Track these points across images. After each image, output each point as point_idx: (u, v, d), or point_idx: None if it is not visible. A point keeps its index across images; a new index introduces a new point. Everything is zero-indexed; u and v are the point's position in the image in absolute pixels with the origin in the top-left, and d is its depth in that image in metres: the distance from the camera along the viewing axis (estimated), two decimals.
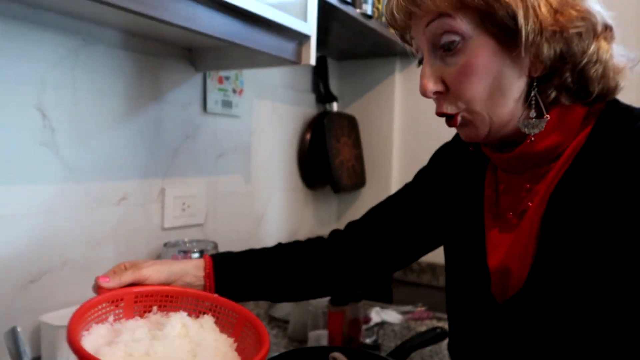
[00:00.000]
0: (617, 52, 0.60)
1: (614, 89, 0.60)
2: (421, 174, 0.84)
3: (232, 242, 1.32)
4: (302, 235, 1.64)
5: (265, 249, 0.82)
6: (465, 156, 0.75)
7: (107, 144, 1.03)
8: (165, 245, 1.13)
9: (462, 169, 0.75)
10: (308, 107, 1.70)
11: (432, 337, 1.06)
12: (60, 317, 0.91)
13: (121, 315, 0.63)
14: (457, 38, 0.58)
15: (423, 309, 1.39)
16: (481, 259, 0.66)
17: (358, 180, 1.80)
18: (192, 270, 0.72)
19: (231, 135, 1.36)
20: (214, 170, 1.31)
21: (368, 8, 1.35)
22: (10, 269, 0.88)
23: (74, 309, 0.95)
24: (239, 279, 0.76)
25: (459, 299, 0.72)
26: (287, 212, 1.61)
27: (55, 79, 0.93)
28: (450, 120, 0.62)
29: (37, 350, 0.91)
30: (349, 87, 1.86)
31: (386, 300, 1.54)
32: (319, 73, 1.71)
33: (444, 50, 0.59)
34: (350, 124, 1.80)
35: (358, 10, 1.33)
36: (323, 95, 1.72)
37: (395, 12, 0.63)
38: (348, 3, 1.26)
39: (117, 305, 0.64)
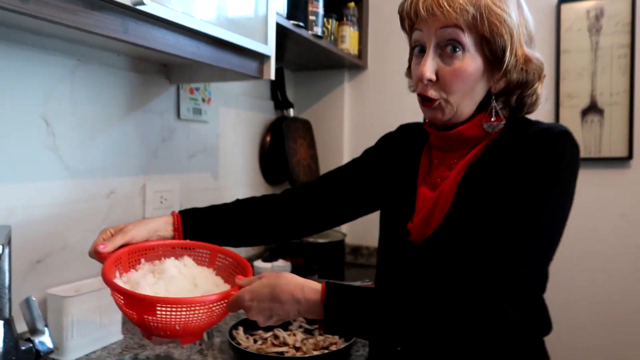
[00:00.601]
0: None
1: (528, 113, 0.84)
2: (368, 152, 1.05)
3: None
4: None
5: (225, 204, 1.00)
6: (403, 143, 0.98)
7: (99, 146, 1.21)
8: None
9: (401, 151, 0.97)
10: (268, 113, 1.91)
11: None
12: (63, 290, 1.09)
13: (121, 270, 0.82)
14: (459, 47, 0.76)
15: (369, 283, 1.63)
16: (409, 216, 0.87)
17: (313, 177, 2.02)
18: (163, 225, 0.90)
19: (201, 138, 1.55)
20: (187, 168, 1.50)
21: (318, 30, 1.58)
22: (21, 252, 1.05)
23: (74, 284, 1.16)
24: (202, 230, 0.93)
25: (388, 245, 0.92)
26: None
27: (57, 93, 1.11)
28: (429, 102, 0.80)
29: (44, 319, 1.08)
30: (303, 95, 2.09)
31: (339, 279, 1.78)
32: (277, 83, 1.91)
33: (445, 51, 0.77)
34: (305, 128, 2.02)
35: (310, 32, 1.55)
36: (281, 102, 1.92)
37: (420, 8, 0.77)
38: (301, 27, 1.48)
39: (117, 264, 0.82)
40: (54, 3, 0.73)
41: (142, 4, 0.81)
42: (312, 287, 0.71)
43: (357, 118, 2.03)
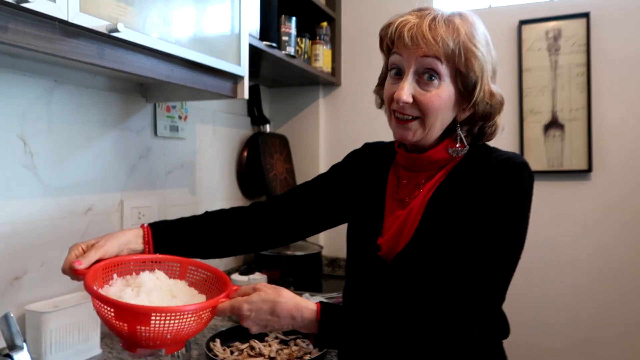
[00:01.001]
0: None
1: (490, 140, 0.92)
2: (334, 167, 1.09)
3: None
4: None
5: (194, 216, 1.02)
6: (370, 160, 1.03)
7: (76, 164, 1.24)
8: None
9: (367, 168, 1.02)
10: (244, 129, 1.96)
11: None
12: (42, 306, 1.11)
13: (97, 285, 0.81)
14: (435, 76, 0.83)
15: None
16: (378, 230, 0.93)
17: None
18: (134, 238, 0.91)
19: (178, 155, 1.59)
20: (164, 184, 1.53)
21: (291, 50, 1.64)
22: (0, 268, 1.08)
23: (53, 300, 1.17)
24: (172, 242, 0.95)
25: (357, 260, 0.97)
26: None
27: (34, 113, 1.14)
28: (403, 120, 0.86)
29: (23, 335, 1.09)
30: (280, 111, 2.14)
31: (316, 290, 1.82)
32: (253, 99, 1.96)
33: (422, 78, 0.83)
34: (281, 143, 2.07)
35: (283, 52, 1.61)
36: (257, 118, 1.97)
37: (405, 36, 0.82)
38: (274, 47, 1.54)
39: (94, 280, 0.82)
40: (31, 32, 0.77)
41: (117, 31, 0.85)
42: (308, 308, 0.79)
43: (332, 132, 2.10)
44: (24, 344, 0.86)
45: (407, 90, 0.83)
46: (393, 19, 0.87)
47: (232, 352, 1.15)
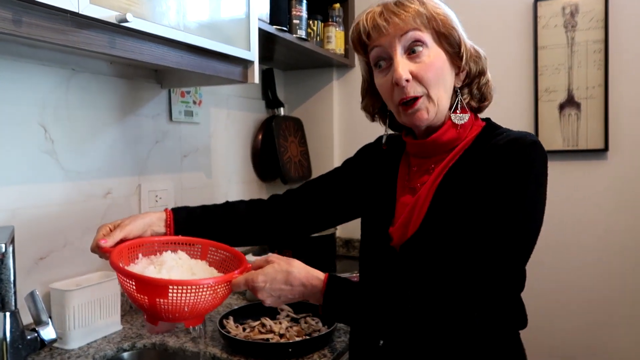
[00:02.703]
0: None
1: (489, 101, 0.93)
2: (347, 162, 1.11)
3: None
4: None
5: (215, 205, 1.07)
6: (381, 153, 1.04)
7: (94, 150, 1.29)
8: None
9: (379, 160, 1.03)
10: (259, 112, 1.98)
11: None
12: (65, 285, 1.18)
13: (123, 263, 0.87)
14: (422, 45, 0.84)
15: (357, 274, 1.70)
16: (389, 220, 0.93)
17: (305, 173, 2.09)
18: (156, 221, 0.98)
19: (193, 139, 1.63)
20: (180, 168, 1.58)
21: (303, 33, 1.64)
22: (25, 249, 1.13)
23: (75, 279, 1.24)
24: (191, 228, 1.00)
25: (370, 250, 0.98)
26: None
27: (53, 101, 1.19)
28: (412, 103, 0.85)
29: (48, 312, 1.16)
30: (294, 94, 2.16)
31: (332, 270, 1.86)
32: (267, 83, 1.98)
33: (411, 53, 0.84)
34: (296, 125, 2.09)
35: (294, 35, 1.62)
36: (271, 101, 1.99)
37: (378, 20, 0.85)
38: (285, 31, 1.55)
39: (120, 258, 0.89)
40: (45, 25, 0.80)
41: (126, 21, 0.88)
42: (317, 277, 0.81)
43: (346, 114, 2.10)
44: (49, 320, 0.92)
45: (403, 67, 0.84)
46: (359, 17, 0.90)
47: (244, 329, 1.20)
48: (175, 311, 0.79)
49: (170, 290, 0.77)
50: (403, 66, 0.84)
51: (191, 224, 1.01)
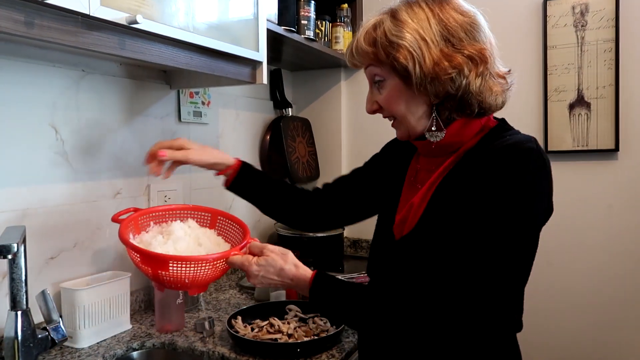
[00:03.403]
0: (494, 80, 0.85)
1: (494, 106, 0.86)
2: (374, 157, 1.17)
3: None
4: (266, 220, 1.94)
5: (275, 178, 1.19)
6: (401, 149, 1.06)
7: (104, 150, 1.31)
8: None
9: (398, 157, 1.06)
10: (267, 113, 1.99)
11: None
12: (75, 284, 1.19)
13: (134, 232, 0.95)
14: (381, 78, 0.88)
15: (364, 274, 1.70)
16: (393, 212, 0.96)
17: (313, 173, 2.10)
18: (227, 161, 1.13)
19: (202, 139, 1.63)
20: (189, 168, 1.58)
21: (310, 33, 1.65)
22: (36, 249, 1.15)
23: (85, 278, 1.26)
24: (248, 186, 1.14)
25: (376, 244, 1.01)
26: None
27: (64, 102, 1.20)
28: (392, 121, 0.93)
29: (58, 311, 1.18)
30: (302, 94, 2.16)
31: (339, 270, 1.86)
32: (275, 83, 1.99)
33: (376, 84, 0.90)
34: (304, 126, 2.10)
35: (302, 36, 1.62)
36: (280, 102, 2.00)
37: (348, 60, 0.95)
38: (293, 31, 1.55)
39: (130, 227, 0.96)
40: (56, 27, 0.81)
41: (136, 22, 0.89)
42: (305, 275, 0.91)
43: (354, 114, 2.10)
44: (60, 319, 0.94)
45: (369, 100, 0.93)
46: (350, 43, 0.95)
47: (252, 329, 1.20)
48: (177, 282, 0.87)
49: (170, 265, 0.85)
50: (370, 98, 0.93)
51: (249, 184, 1.14)
